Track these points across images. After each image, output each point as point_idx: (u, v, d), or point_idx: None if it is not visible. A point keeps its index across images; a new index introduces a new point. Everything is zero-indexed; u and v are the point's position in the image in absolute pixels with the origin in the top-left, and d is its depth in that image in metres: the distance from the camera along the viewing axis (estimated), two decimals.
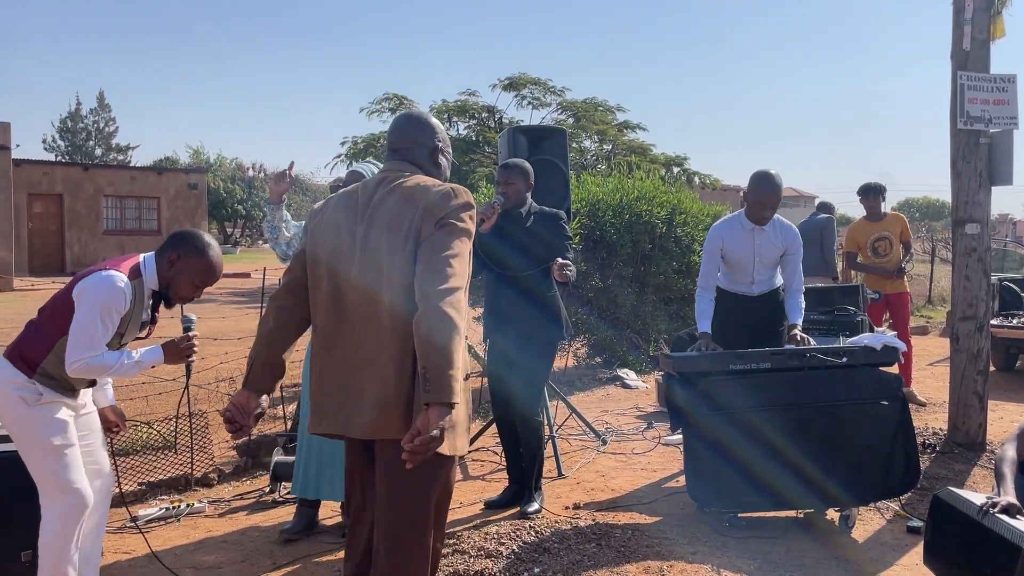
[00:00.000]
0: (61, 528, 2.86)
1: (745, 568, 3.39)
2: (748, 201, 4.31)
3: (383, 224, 2.32)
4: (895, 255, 6.83)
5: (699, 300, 4.42)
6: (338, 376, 2.34)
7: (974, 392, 5.07)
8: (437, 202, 2.30)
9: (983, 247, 5.08)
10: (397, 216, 2.31)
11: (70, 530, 2.87)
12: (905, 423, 3.89)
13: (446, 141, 2.58)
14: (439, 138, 2.53)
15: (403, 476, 2.24)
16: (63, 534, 2.86)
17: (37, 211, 23.79)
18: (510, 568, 3.36)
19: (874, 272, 6.86)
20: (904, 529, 3.91)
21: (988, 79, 5.00)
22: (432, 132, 2.52)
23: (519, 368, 4.12)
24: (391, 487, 2.32)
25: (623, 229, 8.08)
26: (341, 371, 2.33)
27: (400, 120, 2.57)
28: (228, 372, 6.74)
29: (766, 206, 4.25)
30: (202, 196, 27.44)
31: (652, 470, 4.95)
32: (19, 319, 10.22)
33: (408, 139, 2.49)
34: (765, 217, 4.29)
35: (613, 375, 7.98)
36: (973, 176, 5.03)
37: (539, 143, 5.14)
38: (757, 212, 4.28)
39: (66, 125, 45.30)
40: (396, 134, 2.52)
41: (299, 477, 3.87)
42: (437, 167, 2.52)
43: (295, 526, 3.90)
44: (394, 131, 2.54)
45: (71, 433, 2.91)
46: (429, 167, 2.49)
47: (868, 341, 3.99)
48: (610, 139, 18.94)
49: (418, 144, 2.49)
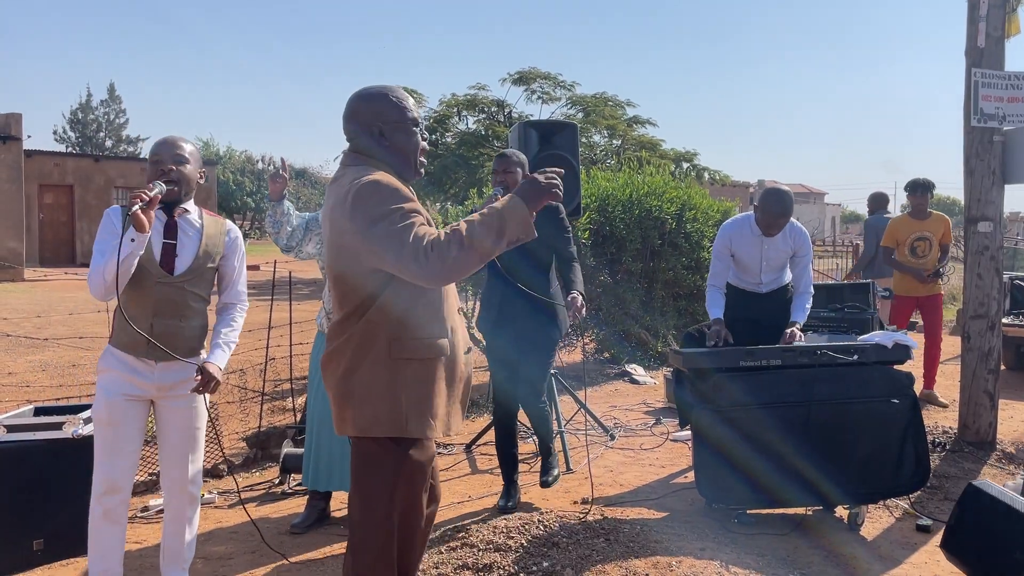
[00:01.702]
0: (91, 498, 2.99)
1: (753, 565, 3.39)
2: (758, 217, 4.30)
3: (327, 228, 2.37)
4: (933, 257, 6.58)
5: (709, 293, 4.43)
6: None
7: (985, 391, 5.05)
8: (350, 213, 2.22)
9: (995, 245, 5.05)
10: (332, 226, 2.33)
11: (95, 502, 2.97)
12: (915, 421, 3.88)
13: (394, 110, 2.37)
14: (382, 117, 2.36)
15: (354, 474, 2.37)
16: (91, 504, 2.99)
17: (48, 202, 23.91)
18: (519, 562, 3.37)
19: (908, 272, 6.56)
20: (913, 527, 3.90)
21: (1003, 76, 4.97)
22: (370, 114, 2.36)
23: (520, 367, 4.12)
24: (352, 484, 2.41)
25: (633, 224, 8.07)
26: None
27: (344, 108, 2.43)
28: (238, 364, 6.77)
29: (775, 226, 4.25)
30: (211, 189, 27.50)
31: (660, 466, 4.95)
32: (30, 309, 10.23)
33: (346, 131, 2.41)
34: (773, 233, 4.29)
35: (621, 371, 7.98)
36: (986, 174, 5.00)
37: (550, 137, 5.14)
38: (767, 230, 4.28)
39: (77, 116, 45.45)
40: (344, 128, 2.43)
41: (309, 469, 3.90)
42: (388, 149, 2.37)
43: (306, 519, 3.91)
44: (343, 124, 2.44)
45: (108, 412, 2.92)
46: (379, 152, 2.37)
47: (879, 339, 3.98)
48: (620, 134, 18.88)
49: (358, 134, 2.38)
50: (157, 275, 2.93)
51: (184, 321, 2.98)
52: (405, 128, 2.39)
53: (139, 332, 2.84)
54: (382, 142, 2.37)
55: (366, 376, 2.29)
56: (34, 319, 9.61)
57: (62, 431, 3.54)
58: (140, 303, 2.91)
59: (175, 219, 2.99)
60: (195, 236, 3.03)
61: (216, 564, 3.55)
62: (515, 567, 3.33)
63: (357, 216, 2.20)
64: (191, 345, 3.01)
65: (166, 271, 2.95)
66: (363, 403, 2.30)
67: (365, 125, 2.37)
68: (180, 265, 2.97)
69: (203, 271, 3.03)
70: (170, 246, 2.96)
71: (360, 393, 2.29)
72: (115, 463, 2.94)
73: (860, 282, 6.77)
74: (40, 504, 3.48)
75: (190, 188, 3.02)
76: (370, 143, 2.37)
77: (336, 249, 2.32)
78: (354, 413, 2.31)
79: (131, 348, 2.91)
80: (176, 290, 2.96)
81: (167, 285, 2.94)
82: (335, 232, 2.30)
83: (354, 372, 2.30)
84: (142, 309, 2.90)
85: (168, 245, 2.96)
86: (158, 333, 2.91)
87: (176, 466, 3.06)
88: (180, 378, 2.98)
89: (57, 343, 8.63)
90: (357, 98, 2.40)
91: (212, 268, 3.07)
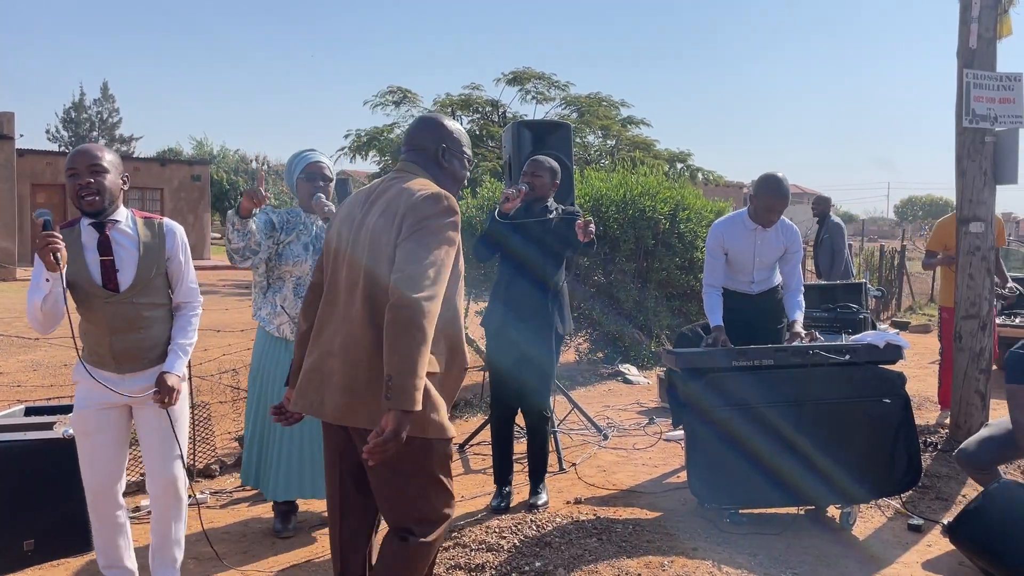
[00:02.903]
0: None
1: (746, 564, 3.39)
2: (755, 204, 4.29)
3: (376, 216, 2.38)
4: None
5: (707, 296, 4.43)
6: (317, 359, 2.42)
7: (976, 391, 5.06)
8: (417, 204, 2.31)
9: (987, 246, 5.07)
10: (386, 212, 2.36)
11: (88, 505, 3.06)
12: (907, 421, 3.89)
13: (457, 142, 2.61)
14: (445, 141, 2.57)
15: (382, 469, 2.29)
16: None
17: (40, 201, 23.78)
18: (511, 562, 3.37)
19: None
20: (905, 527, 3.91)
21: (994, 77, 4.98)
22: (437, 135, 2.58)
23: (532, 360, 4.11)
24: (375, 481, 2.38)
25: (626, 224, 8.07)
26: (320, 354, 2.41)
27: (413, 122, 2.69)
28: (231, 364, 6.75)
29: (774, 210, 4.24)
30: (205, 188, 27.44)
31: (653, 465, 4.95)
32: (22, 308, 10.23)
33: (413, 142, 2.58)
34: (772, 221, 4.29)
35: (615, 370, 7.98)
36: (978, 175, 5.02)
37: (544, 138, 5.14)
38: (764, 216, 4.27)
39: (69, 115, 45.26)
40: (407, 135, 2.63)
41: (270, 480, 3.79)
42: (440, 168, 2.57)
43: (282, 524, 3.87)
44: (407, 132, 2.66)
45: (83, 421, 2.96)
46: (433, 168, 2.56)
47: (871, 339, 3.99)
48: (614, 134, 18.93)
49: (421, 148, 2.56)
50: (103, 296, 2.87)
51: (143, 332, 2.95)
52: (460, 155, 2.62)
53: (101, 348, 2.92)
54: (438, 160, 2.56)
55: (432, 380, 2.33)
56: (25, 319, 9.56)
57: (53, 431, 3.53)
58: (94, 322, 2.90)
59: (107, 233, 2.89)
60: (132, 247, 2.92)
61: (208, 565, 3.55)
62: (507, 567, 3.32)
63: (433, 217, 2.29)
64: (156, 354, 3.00)
65: (111, 291, 2.87)
66: (435, 407, 2.33)
67: (433, 141, 2.56)
68: (124, 281, 2.89)
69: (149, 282, 2.95)
70: (108, 262, 2.86)
71: (434, 396, 2.33)
72: (95, 470, 2.99)
73: (853, 282, 6.79)
74: (31, 504, 3.47)
75: (114, 198, 2.90)
76: (427, 158, 2.56)
77: (385, 255, 2.31)
78: (427, 416, 2.30)
79: (98, 363, 2.94)
80: (127, 306, 2.90)
81: (116, 304, 2.88)
82: (387, 239, 2.31)
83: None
84: (97, 327, 2.90)
85: (106, 262, 2.86)
86: (119, 350, 2.90)
87: (158, 467, 3.06)
88: (150, 383, 2.99)
89: (48, 343, 8.60)
90: (435, 118, 2.63)
91: (160, 275, 2.99)
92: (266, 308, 3.82)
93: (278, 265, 3.76)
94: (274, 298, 3.79)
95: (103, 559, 3.12)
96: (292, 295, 3.77)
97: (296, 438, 3.74)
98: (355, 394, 2.31)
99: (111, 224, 2.90)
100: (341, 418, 2.36)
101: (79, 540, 3.55)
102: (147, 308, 2.95)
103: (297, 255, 3.75)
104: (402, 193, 2.37)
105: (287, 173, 3.88)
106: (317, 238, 3.81)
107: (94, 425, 2.96)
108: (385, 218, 2.35)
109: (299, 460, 3.76)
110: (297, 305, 3.75)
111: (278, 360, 3.77)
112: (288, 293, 3.77)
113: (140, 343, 2.94)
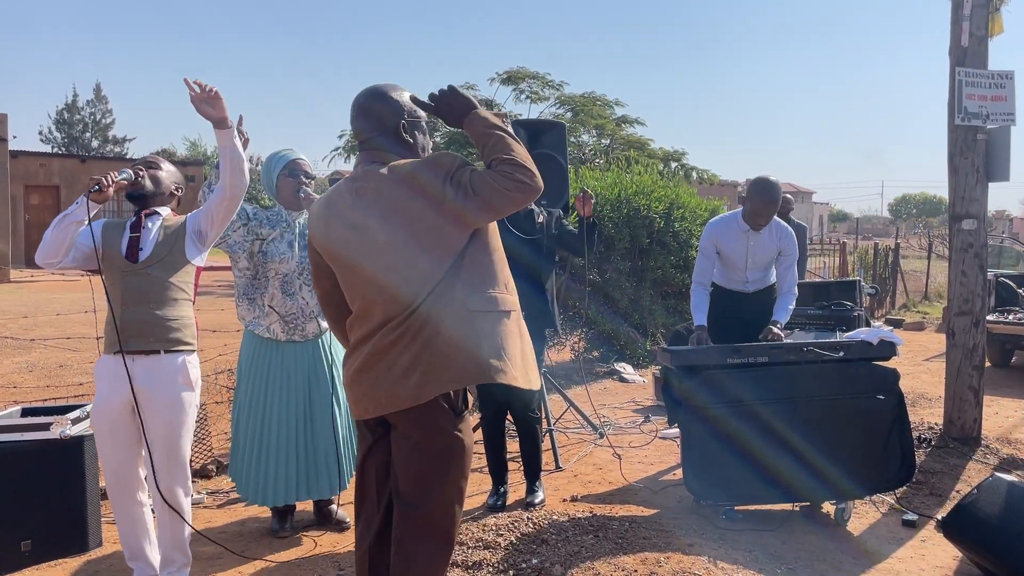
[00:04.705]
0: None
1: (741, 560, 3.41)
2: (747, 208, 4.32)
3: (379, 217, 2.22)
4: None
5: (694, 293, 4.45)
6: (360, 361, 2.30)
7: (969, 387, 5.09)
8: (428, 176, 2.18)
9: (980, 243, 5.10)
10: (392, 210, 2.20)
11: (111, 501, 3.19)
12: (901, 417, 3.92)
13: (412, 110, 2.33)
14: (400, 115, 2.29)
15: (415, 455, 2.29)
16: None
17: (34, 203, 23.73)
18: (508, 559, 3.38)
19: None
20: (899, 523, 3.94)
21: (986, 75, 5.01)
22: (387, 111, 2.28)
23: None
24: (407, 470, 2.30)
25: (621, 223, 8.10)
26: (362, 356, 2.29)
27: (352, 110, 2.33)
28: (227, 364, 6.74)
29: (762, 215, 4.29)
30: (199, 189, 27.37)
31: (649, 463, 4.97)
32: (17, 310, 10.13)
33: (363, 130, 2.31)
34: (760, 224, 4.32)
35: (610, 369, 8.00)
36: (970, 172, 5.05)
37: (538, 137, 5.14)
38: (754, 220, 4.31)
39: (63, 117, 45.11)
40: (354, 127, 2.33)
41: (259, 485, 3.75)
42: (406, 145, 2.31)
43: (279, 524, 3.87)
44: (352, 123, 2.34)
45: (96, 422, 3.12)
46: (399, 149, 2.30)
47: (865, 336, 4.01)
48: (608, 133, 18.93)
49: (374, 132, 2.29)
50: (123, 266, 3.09)
51: (157, 309, 3.07)
52: (420, 127, 2.36)
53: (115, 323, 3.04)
54: (403, 139, 2.30)
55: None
56: (21, 320, 9.55)
57: (50, 432, 3.53)
58: (112, 296, 3.07)
59: (143, 216, 3.19)
60: (157, 229, 3.19)
61: (205, 564, 3.55)
62: (504, 564, 3.34)
63: (427, 181, 2.17)
64: (166, 335, 3.08)
65: (130, 261, 3.11)
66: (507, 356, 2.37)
67: (380, 122, 2.29)
68: (143, 254, 3.13)
69: (167, 255, 3.13)
70: (135, 238, 3.14)
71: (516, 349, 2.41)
72: (109, 463, 3.14)
73: (847, 280, 6.81)
74: (28, 505, 3.47)
75: (160, 191, 3.23)
76: (388, 141, 2.29)
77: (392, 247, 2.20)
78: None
79: (110, 346, 3.07)
80: (142, 278, 3.08)
81: (133, 274, 3.08)
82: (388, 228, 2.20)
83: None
84: (114, 301, 3.06)
85: (133, 238, 3.14)
86: (126, 321, 3.03)
87: (160, 469, 3.08)
88: (159, 378, 3.05)
89: (44, 344, 8.58)
90: (369, 96, 2.31)
91: (180, 253, 3.16)
92: (254, 311, 3.78)
93: (263, 263, 3.72)
94: (261, 299, 3.76)
95: (127, 551, 3.24)
96: (280, 293, 3.72)
97: (293, 441, 3.73)
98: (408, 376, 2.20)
99: (150, 211, 3.20)
100: (387, 406, 2.25)
101: (76, 540, 3.56)
102: (159, 284, 3.10)
103: (283, 252, 3.72)
104: (399, 184, 2.20)
105: (265, 173, 3.82)
106: (301, 235, 3.80)
107: (106, 426, 3.09)
108: (394, 225, 2.19)
109: (296, 463, 3.75)
110: (286, 303, 3.72)
111: (270, 362, 3.74)
112: (275, 291, 3.72)
113: (152, 318, 3.07)
